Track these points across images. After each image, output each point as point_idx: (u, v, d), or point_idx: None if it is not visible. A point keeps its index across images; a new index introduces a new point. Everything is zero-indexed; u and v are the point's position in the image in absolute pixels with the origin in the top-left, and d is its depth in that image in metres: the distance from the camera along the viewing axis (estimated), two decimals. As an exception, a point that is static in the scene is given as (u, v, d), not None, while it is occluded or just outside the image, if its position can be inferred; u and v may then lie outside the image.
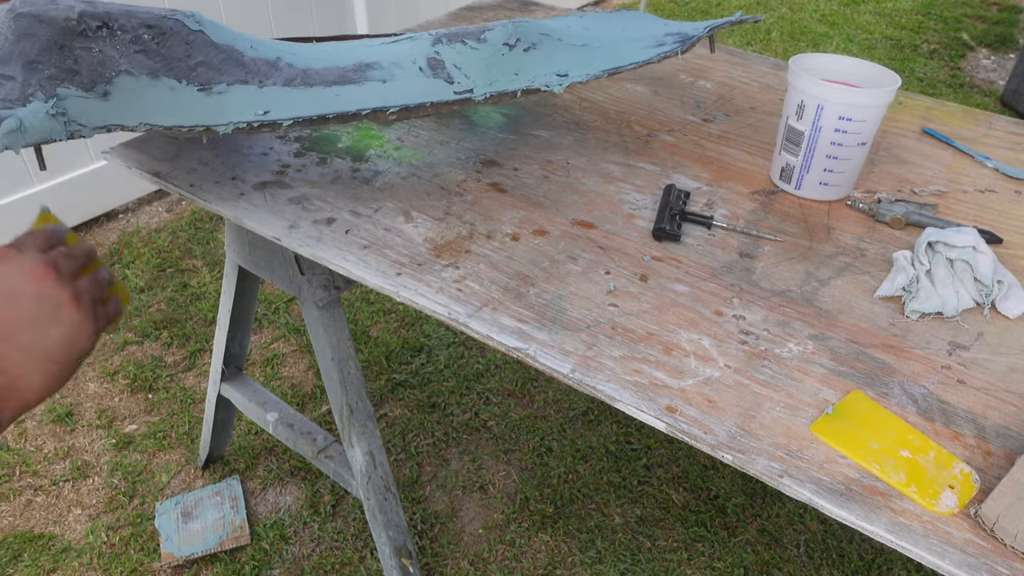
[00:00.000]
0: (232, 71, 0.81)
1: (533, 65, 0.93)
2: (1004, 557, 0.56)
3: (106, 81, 0.75)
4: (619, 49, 1.00)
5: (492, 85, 0.91)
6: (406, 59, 0.88)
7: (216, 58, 0.80)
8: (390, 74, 0.87)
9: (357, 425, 1.15)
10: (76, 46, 0.74)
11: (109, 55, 0.75)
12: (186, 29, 0.78)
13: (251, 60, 0.82)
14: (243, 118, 0.80)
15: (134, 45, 0.76)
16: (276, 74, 0.83)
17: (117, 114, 0.76)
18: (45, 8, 0.72)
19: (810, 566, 1.46)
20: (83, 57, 0.74)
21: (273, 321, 1.98)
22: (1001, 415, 0.68)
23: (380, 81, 0.86)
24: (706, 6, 4.30)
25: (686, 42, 1.03)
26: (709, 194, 0.99)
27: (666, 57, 1.02)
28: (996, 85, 3.50)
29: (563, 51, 0.96)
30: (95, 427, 1.67)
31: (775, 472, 0.62)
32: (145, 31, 0.76)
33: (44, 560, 1.41)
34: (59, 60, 0.73)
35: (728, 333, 0.76)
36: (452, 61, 0.89)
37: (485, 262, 0.84)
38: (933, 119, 1.21)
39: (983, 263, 0.81)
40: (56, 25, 0.72)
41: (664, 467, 1.63)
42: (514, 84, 0.91)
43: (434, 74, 0.88)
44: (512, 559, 1.45)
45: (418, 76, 0.88)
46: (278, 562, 1.42)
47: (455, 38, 0.90)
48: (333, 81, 0.85)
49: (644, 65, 1.01)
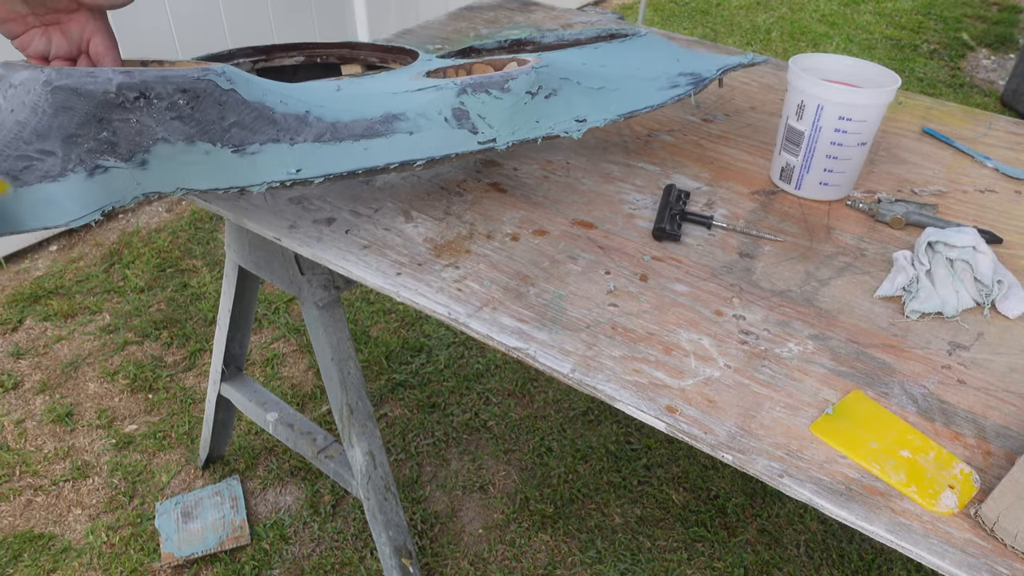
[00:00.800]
0: (264, 130, 0.80)
1: (553, 112, 0.94)
2: (1004, 557, 0.56)
3: (144, 151, 0.75)
4: (635, 90, 1.01)
5: (515, 134, 0.92)
6: (432, 109, 0.88)
7: (248, 117, 0.79)
8: (416, 125, 0.87)
9: (357, 425, 1.15)
10: (115, 118, 0.73)
11: (147, 124, 0.74)
12: (219, 90, 0.77)
13: (282, 117, 0.82)
14: (276, 177, 0.81)
15: (170, 112, 0.75)
16: (306, 130, 0.83)
17: (154, 182, 0.76)
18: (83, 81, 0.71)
19: (810, 566, 1.46)
20: (121, 129, 0.73)
21: (273, 321, 1.98)
22: (1001, 415, 0.68)
23: (407, 133, 0.87)
24: (706, 6, 4.30)
25: (699, 84, 1.04)
26: (709, 194, 0.99)
27: (680, 100, 1.03)
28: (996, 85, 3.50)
29: (581, 95, 0.96)
30: (95, 427, 1.67)
31: (775, 472, 0.62)
32: (180, 96, 0.75)
33: (44, 560, 1.41)
34: (98, 132, 0.72)
35: (728, 333, 0.76)
36: (476, 111, 0.89)
37: (485, 262, 0.84)
38: (933, 119, 1.21)
39: (983, 263, 0.81)
40: (95, 98, 0.71)
41: (664, 467, 1.63)
42: (535, 132, 0.92)
43: (459, 124, 0.88)
44: (512, 559, 1.45)
45: (443, 127, 0.88)
46: (278, 562, 1.42)
47: (479, 88, 0.90)
48: (361, 134, 0.85)
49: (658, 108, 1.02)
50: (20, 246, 2.16)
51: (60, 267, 2.12)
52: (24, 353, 1.86)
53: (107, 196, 0.73)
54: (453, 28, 1.45)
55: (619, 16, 1.57)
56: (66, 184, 0.71)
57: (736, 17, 4.16)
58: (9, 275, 2.10)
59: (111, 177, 0.73)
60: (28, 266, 2.14)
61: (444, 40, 1.38)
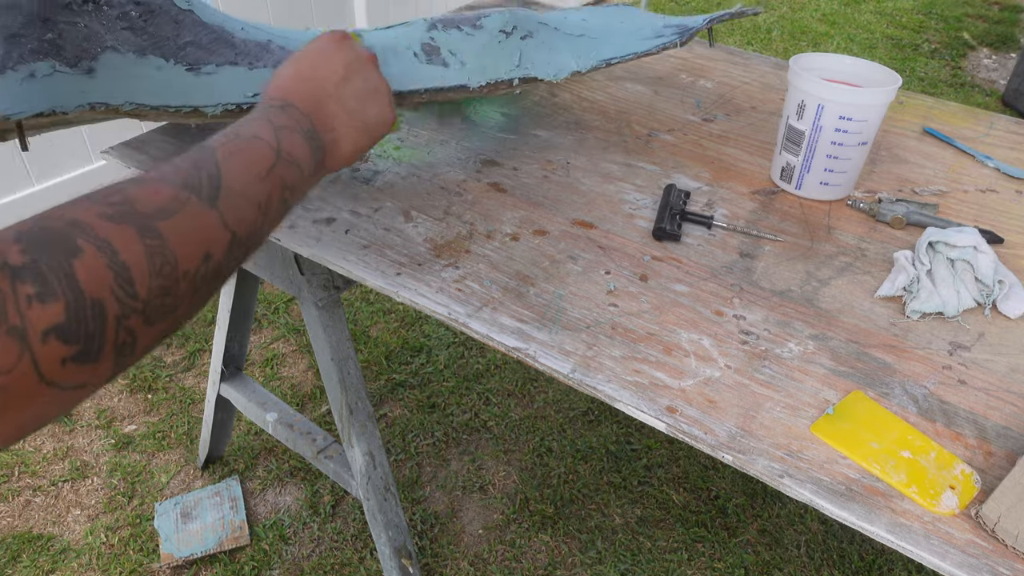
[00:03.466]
0: (222, 52, 0.79)
1: (530, 54, 0.92)
2: (1005, 558, 0.56)
3: (91, 57, 0.73)
4: (617, 40, 0.99)
5: (487, 72, 0.89)
6: (400, 44, 0.87)
7: (206, 38, 0.78)
8: (383, 59, 0.85)
9: (357, 425, 1.15)
10: (61, 20, 0.71)
11: (95, 30, 0.73)
12: (175, 8, 0.76)
13: (241, 42, 0.80)
14: (232, 99, 0.79)
15: (121, 21, 0.74)
16: (267, 56, 0.81)
17: (102, 92, 0.74)
18: None
19: (811, 567, 1.45)
20: (68, 31, 0.72)
21: (273, 321, 1.98)
22: (1002, 415, 0.68)
23: None
24: (706, 5, 4.30)
25: (685, 33, 1.02)
26: (709, 194, 0.98)
27: (664, 49, 1.01)
28: (997, 85, 3.50)
29: (561, 40, 0.94)
30: (94, 427, 1.67)
31: (775, 472, 0.62)
32: (132, 7, 0.74)
33: (43, 561, 1.41)
34: (42, 33, 0.71)
35: (728, 333, 0.76)
36: (447, 47, 0.87)
37: (485, 262, 0.84)
38: (934, 119, 1.20)
39: (984, 263, 0.80)
40: None
41: (664, 467, 1.63)
42: (511, 73, 0.90)
43: (429, 60, 0.87)
44: (512, 559, 1.45)
45: (412, 61, 0.86)
46: (278, 562, 1.42)
47: (451, 24, 0.89)
48: None
49: (643, 56, 0.99)
50: (20, 246, 2.15)
51: (60, 267, 2.12)
52: (24, 353, 1.85)
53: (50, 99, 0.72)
54: (453, 28, 1.45)
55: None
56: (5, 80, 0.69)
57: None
58: (9, 275, 2.10)
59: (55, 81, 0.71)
60: (28, 266, 2.14)
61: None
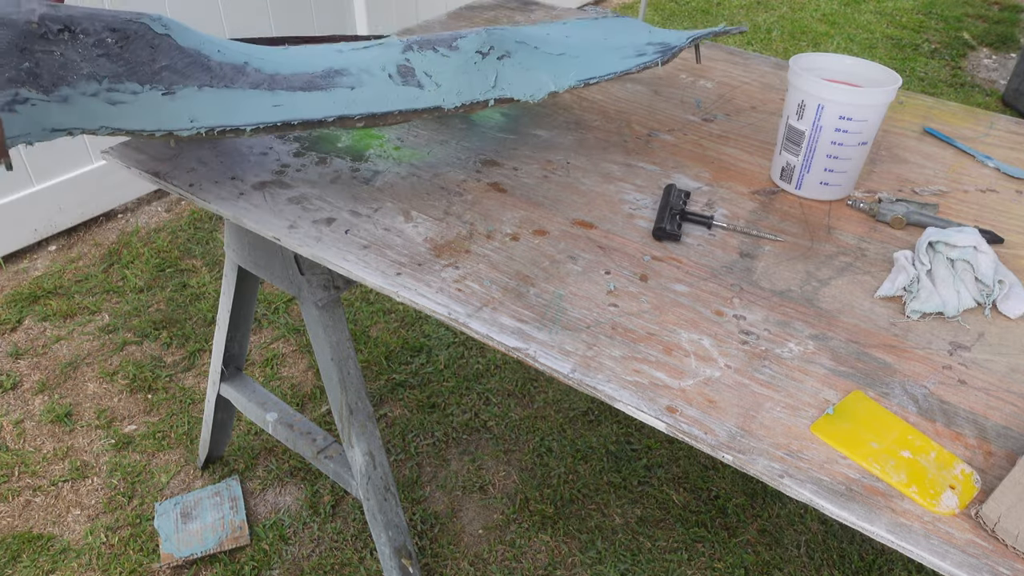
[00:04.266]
0: (197, 75, 0.80)
1: (507, 74, 0.92)
2: (1005, 557, 0.56)
3: (67, 84, 0.74)
4: (597, 58, 0.99)
5: (462, 94, 0.90)
6: (375, 66, 0.87)
7: (181, 62, 0.79)
8: (359, 80, 0.86)
9: (357, 425, 1.15)
10: (37, 49, 0.73)
11: (71, 58, 0.74)
12: (151, 33, 0.77)
13: (217, 64, 0.81)
14: (205, 123, 0.79)
15: (97, 48, 0.75)
16: (242, 79, 0.82)
17: (77, 118, 0.76)
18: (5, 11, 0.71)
19: (811, 567, 1.45)
20: (44, 60, 0.73)
21: (273, 321, 1.98)
22: (1002, 415, 0.68)
23: (348, 88, 0.85)
24: (706, 5, 4.30)
25: (667, 52, 1.02)
26: (709, 194, 0.98)
27: (646, 68, 1.01)
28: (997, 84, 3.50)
29: (539, 60, 0.95)
30: (94, 427, 1.67)
31: (775, 472, 0.62)
32: (109, 35, 0.75)
33: (43, 561, 1.41)
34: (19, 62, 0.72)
35: (728, 333, 0.76)
36: (422, 68, 0.88)
37: (485, 262, 0.84)
38: (934, 119, 1.20)
39: (984, 263, 0.81)
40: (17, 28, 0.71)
41: (664, 467, 1.63)
42: (487, 94, 0.91)
43: (404, 81, 0.87)
44: (512, 559, 1.45)
45: (387, 83, 0.87)
46: (278, 562, 1.42)
47: (426, 45, 0.89)
48: (300, 87, 0.84)
49: (622, 75, 1.00)
50: (19, 246, 2.15)
51: (59, 267, 2.12)
52: (23, 353, 1.85)
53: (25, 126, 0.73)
54: (453, 27, 1.45)
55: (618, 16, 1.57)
56: None
57: (736, 16, 4.16)
58: (8, 275, 2.10)
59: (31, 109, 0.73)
60: (27, 266, 2.14)
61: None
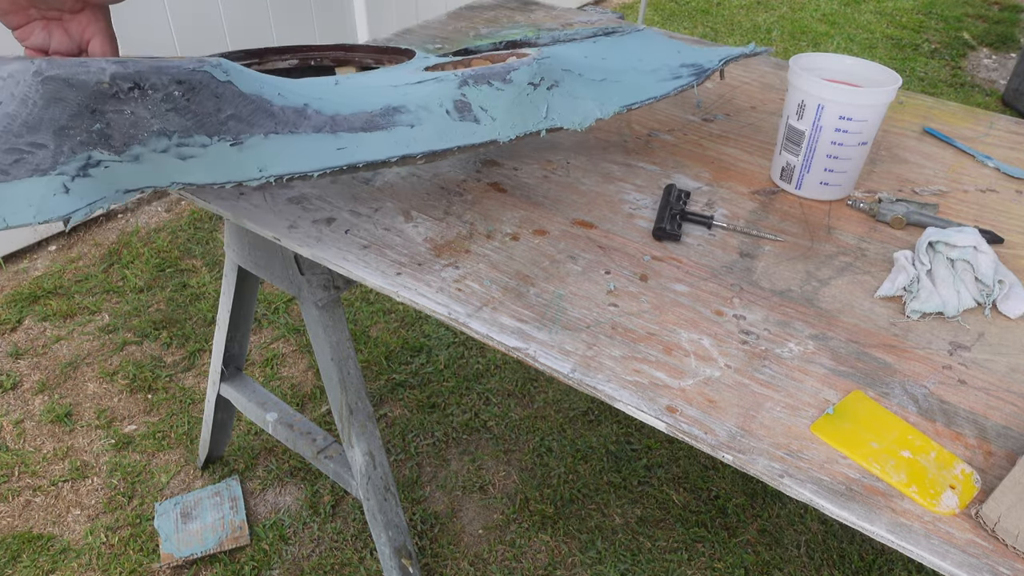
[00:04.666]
0: (262, 122, 0.78)
1: (556, 104, 0.93)
2: (1005, 557, 0.56)
3: (139, 143, 0.73)
4: (636, 83, 1.00)
5: (516, 127, 0.90)
6: (433, 102, 0.87)
7: (246, 110, 0.78)
8: (417, 118, 0.86)
9: (357, 425, 1.15)
10: (108, 109, 0.70)
11: (141, 116, 0.72)
12: (215, 81, 0.75)
13: (280, 109, 0.80)
14: (273, 172, 0.79)
15: (165, 104, 0.73)
16: (305, 123, 0.81)
17: (149, 176, 0.74)
18: (75, 71, 0.69)
19: (811, 567, 1.45)
20: (115, 120, 0.71)
21: (273, 321, 1.98)
22: (1002, 415, 0.68)
23: (408, 126, 0.85)
24: (707, 5, 4.30)
25: (701, 75, 1.03)
26: (709, 194, 0.98)
27: (683, 90, 1.02)
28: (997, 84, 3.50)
29: (584, 87, 0.95)
30: (94, 427, 1.67)
31: (775, 472, 0.62)
32: (176, 88, 0.73)
33: (43, 561, 1.41)
34: (90, 124, 0.70)
35: (728, 333, 0.76)
36: (478, 103, 0.88)
37: (485, 262, 0.84)
38: (934, 119, 1.20)
39: (984, 263, 0.81)
40: (87, 89, 0.69)
41: (664, 467, 1.63)
42: (539, 124, 0.92)
43: (461, 117, 0.87)
44: (512, 559, 1.45)
45: (445, 119, 0.87)
46: (278, 562, 1.42)
47: (481, 79, 0.89)
48: (361, 128, 0.83)
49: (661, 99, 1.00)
50: (19, 246, 2.15)
51: (59, 267, 2.12)
52: (23, 353, 1.85)
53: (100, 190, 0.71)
54: (453, 28, 1.45)
55: (619, 16, 1.57)
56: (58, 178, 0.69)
57: (736, 16, 4.16)
58: (8, 275, 2.10)
59: (104, 171, 0.71)
60: (27, 266, 2.13)
61: (444, 40, 1.38)
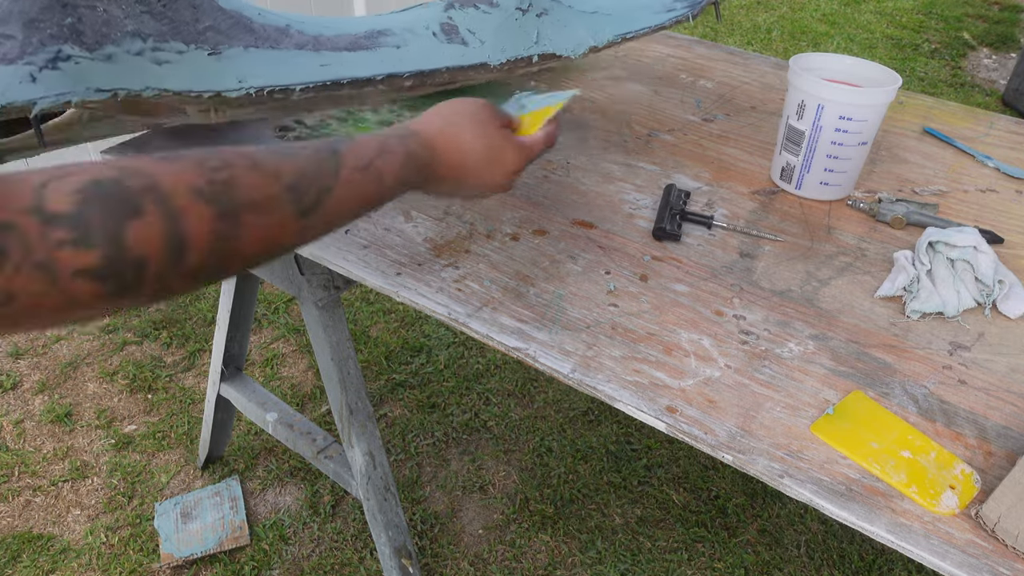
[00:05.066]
0: (241, 36, 0.78)
1: (547, 30, 0.92)
2: (1005, 558, 0.56)
3: (112, 42, 0.72)
4: (629, 14, 0.99)
5: (506, 51, 0.90)
6: (419, 25, 0.86)
7: (224, 23, 0.77)
8: (403, 40, 0.85)
9: (357, 425, 1.15)
10: (80, 4, 0.70)
11: (114, 14, 0.72)
12: None
13: (260, 26, 0.79)
14: (255, 83, 0.78)
15: (140, 5, 0.73)
16: (287, 40, 0.80)
17: (122, 78, 0.73)
18: None
19: (811, 567, 1.45)
20: (87, 16, 0.70)
21: (273, 321, 1.98)
22: (1002, 415, 0.68)
23: (394, 47, 0.84)
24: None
25: (695, 6, 1.02)
26: (709, 194, 0.98)
27: (677, 22, 1.01)
28: (997, 84, 3.50)
29: (575, 17, 0.95)
30: (94, 427, 1.67)
31: (775, 472, 0.62)
32: None
33: (43, 561, 1.41)
34: (61, 18, 0.69)
35: (728, 333, 0.76)
36: (466, 26, 0.87)
37: (485, 262, 0.84)
38: (934, 119, 1.20)
39: (984, 263, 0.80)
40: None
41: (664, 467, 1.63)
42: (530, 50, 0.91)
43: (448, 39, 0.86)
44: (512, 559, 1.45)
45: (432, 41, 0.86)
46: (278, 562, 1.42)
47: (467, 3, 0.89)
48: (345, 47, 0.82)
49: (657, 30, 0.99)
50: (20, 246, 2.15)
51: (60, 267, 2.12)
52: (23, 353, 1.85)
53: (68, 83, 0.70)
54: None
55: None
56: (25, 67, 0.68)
57: (736, 17, 4.16)
58: (9, 275, 2.10)
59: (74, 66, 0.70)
60: (28, 266, 2.13)
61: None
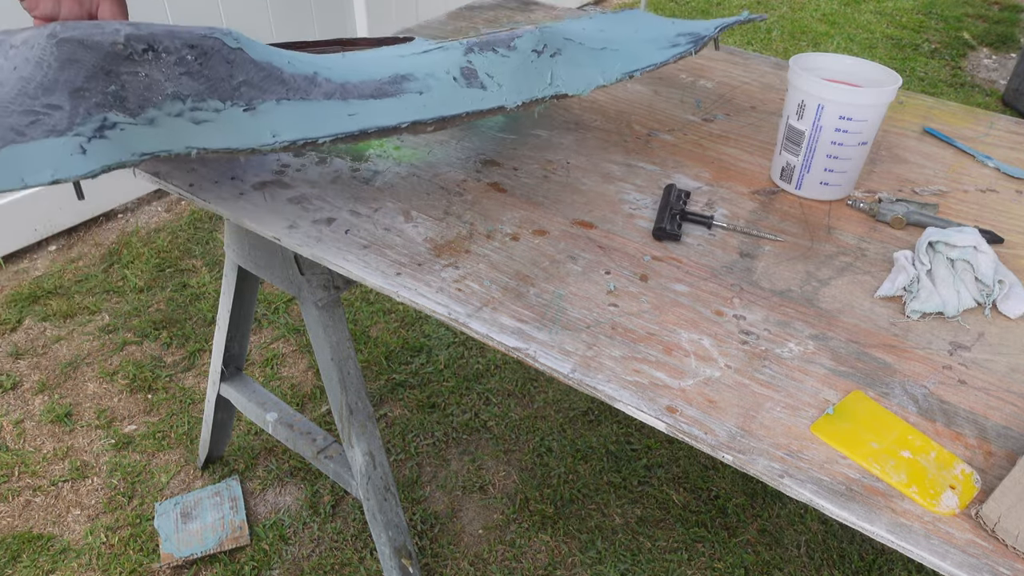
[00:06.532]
0: (273, 88, 0.79)
1: (560, 71, 0.95)
2: (1005, 558, 0.56)
3: (153, 106, 0.73)
4: (637, 51, 1.02)
5: (522, 93, 0.92)
6: (440, 69, 0.89)
7: (257, 76, 0.79)
8: (426, 85, 0.87)
9: (357, 425, 1.15)
10: (123, 71, 0.71)
11: (155, 79, 0.73)
12: (226, 48, 0.76)
13: (291, 76, 0.81)
14: (287, 137, 0.79)
15: (179, 67, 0.74)
16: (315, 90, 0.82)
17: (165, 140, 0.74)
18: (90, 33, 0.70)
19: (811, 567, 1.45)
20: (130, 82, 0.72)
21: (273, 321, 1.98)
22: (1002, 415, 0.68)
23: (417, 93, 0.86)
24: (706, 6, 4.30)
25: (698, 42, 1.04)
26: (709, 194, 0.98)
27: (681, 58, 1.03)
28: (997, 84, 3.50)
29: (585, 55, 0.97)
30: (94, 427, 1.67)
31: (775, 472, 0.62)
32: (188, 52, 0.74)
33: (43, 561, 1.41)
34: (105, 86, 0.71)
35: (728, 333, 0.76)
36: (484, 70, 0.90)
37: (485, 262, 0.84)
38: (934, 119, 1.20)
39: (984, 263, 0.80)
40: (102, 50, 0.70)
41: (664, 467, 1.63)
42: (544, 91, 0.93)
43: (468, 83, 0.89)
44: (512, 559, 1.45)
45: (452, 86, 0.88)
46: (277, 562, 1.42)
47: (486, 47, 0.91)
48: (370, 95, 0.84)
49: (661, 66, 1.02)
50: (19, 246, 2.15)
51: (59, 267, 2.12)
52: (23, 353, 1.85)
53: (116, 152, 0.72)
54: (453, 27, 1.45)
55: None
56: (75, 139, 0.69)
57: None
58: (8, 275, 2.10)
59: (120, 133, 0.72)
60: (27, 266, 2.13)
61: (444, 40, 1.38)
